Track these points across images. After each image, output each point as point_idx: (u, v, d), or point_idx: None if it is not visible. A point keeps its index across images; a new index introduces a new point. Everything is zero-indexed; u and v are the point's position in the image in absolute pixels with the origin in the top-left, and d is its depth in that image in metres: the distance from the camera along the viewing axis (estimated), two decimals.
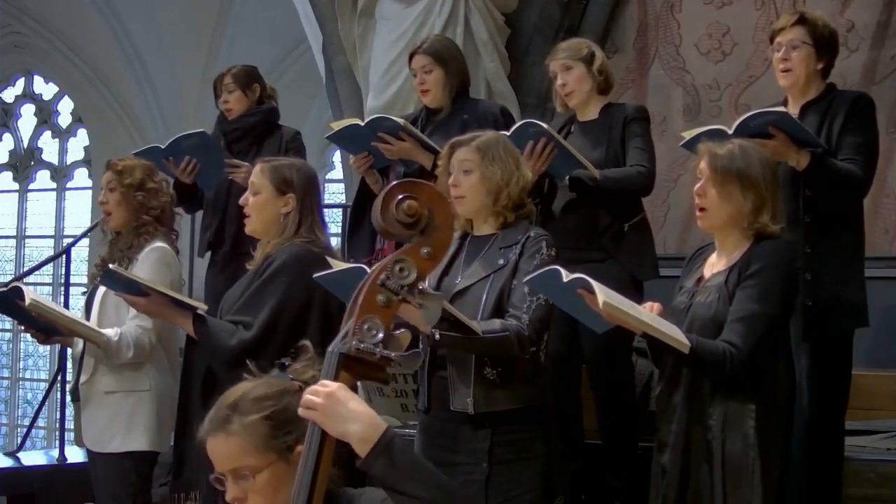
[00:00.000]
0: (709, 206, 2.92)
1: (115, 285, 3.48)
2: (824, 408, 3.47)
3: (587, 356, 3.84)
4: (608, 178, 3.75)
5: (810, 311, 3.39)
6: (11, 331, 12.30)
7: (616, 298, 2.68)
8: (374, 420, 1.81)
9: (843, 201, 3.49)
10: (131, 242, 3.76)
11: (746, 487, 2.79)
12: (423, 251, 1.91)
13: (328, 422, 1.80)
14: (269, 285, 3.29)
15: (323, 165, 10.65)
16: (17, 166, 12.65)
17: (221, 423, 1.93)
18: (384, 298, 1.87)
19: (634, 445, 3.83)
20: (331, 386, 1.81)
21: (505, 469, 2.95)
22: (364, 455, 1.79)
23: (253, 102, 4.79)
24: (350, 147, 4.21)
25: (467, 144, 3.13)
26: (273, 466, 1.89)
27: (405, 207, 1.92)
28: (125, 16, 10.69)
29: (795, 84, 3.57)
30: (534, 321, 2.93)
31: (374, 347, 1.83)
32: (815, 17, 3.59)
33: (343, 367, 1.84)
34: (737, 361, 2.76)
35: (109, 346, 3.64)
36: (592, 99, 3.93)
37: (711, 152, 2.93)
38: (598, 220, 3.80)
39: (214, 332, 3.30)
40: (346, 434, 1.80)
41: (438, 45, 4.23)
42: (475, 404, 2.95)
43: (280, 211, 3.34)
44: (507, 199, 3.07)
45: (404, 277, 1.88)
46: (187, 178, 4.47)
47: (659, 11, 5.78)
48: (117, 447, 3.69)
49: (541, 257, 2.99)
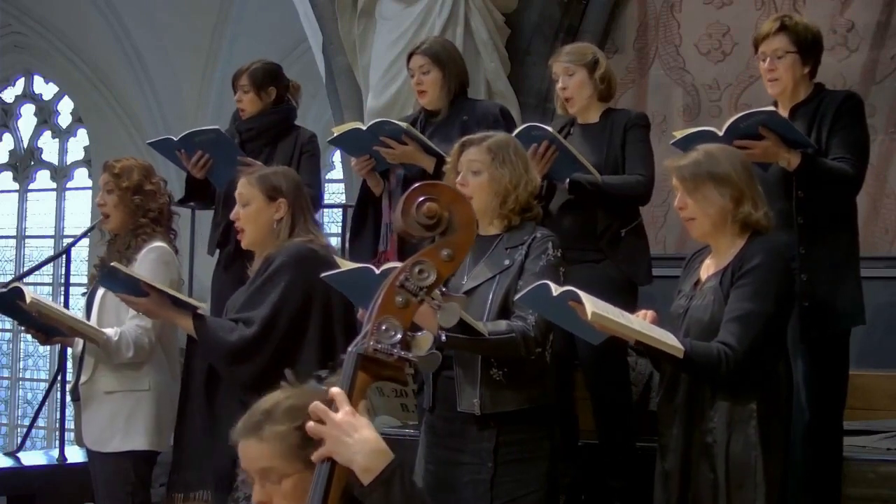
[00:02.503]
0: (692, 214, 2.95)
1: (115, 285, 3.48)
2: (822, 408, 3.47)
3: (582, 357, 3.85)
4: (608, 185, 3.76)
5: (807, 312, 3.40)
6: (11, 331, 12.30)
7: (604, 308, 2.67)
8: (380, 448, 1.83)
9: (835, 201, 3.50)
10: (129, 243, 3.76)
11: (750, 488, 2.80)
12: (444, 253, 1.92)
13: (335, 450, 1.83)
14: (270, 283, 3.31)
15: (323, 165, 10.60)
16: (17, 166, 12.65)
17: (254, 429, 1.96)
18: (402, 300, 1.88)
19: (632, 445, 3.83)
20: (339, 413, 1.82)
21: (510, 469, 2.95)
22: (366, 482, 1.81)
23: (268, 104, 4.66)
24: (352, 150, 4.21)
25: (478, 144, 3.12)
26: (300, 475, 1.91)
27: (425, 210, 1.93)
28: (125, 16, 10.68)
29: (784, 92, 3.60)
30: (539, 322, 2.93)
31: (391, 348, 1.84)
32: (795, 23, 3.59)
33: (361, 367, 1.85)
34: (732, 362, 2.77)
35: (109, 345, 3.64)
36: (593, 104, 3.93)
37: (675, 166, 2.98)
38: (596, 223, 3.81)
39: (214, 330, 3.31)
40: (351, 462, 1.82)
41: (437, 46, 4.22)
42: (481, 405, 2.95)
43: (273, 217, 3.38)
44: (515, 202, 3.06)
45: (423, 279, 1.89)
46: (199, 174, 4.41)
47: (659, 11, 5.78)
48: (117, 447, 3.69)
49: (547, 258, 2.99)
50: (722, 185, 2.91)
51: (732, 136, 3.36)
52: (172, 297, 3.39)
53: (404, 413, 4.79)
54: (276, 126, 4.66)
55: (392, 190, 4.13)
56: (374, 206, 4.22)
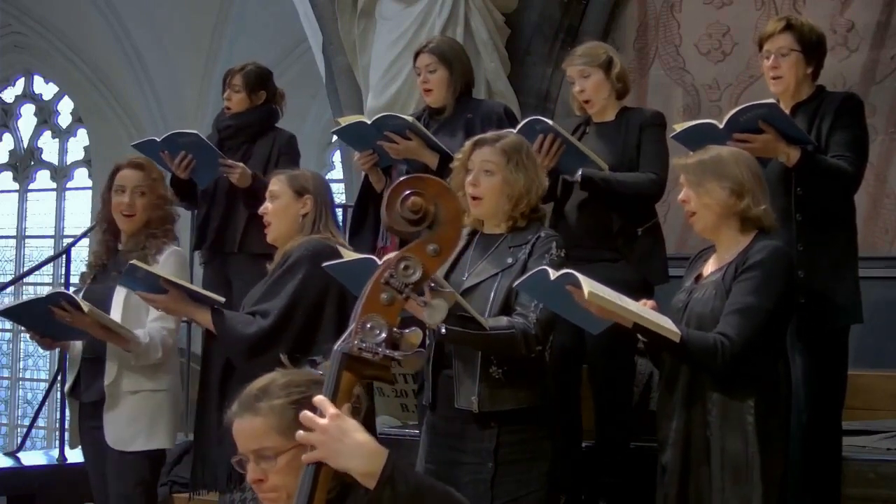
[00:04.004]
0: (695, 207, 2.98)
1: (134, 283, 3.48)
2: (821, 406, 3.47)
3: (589, 351, 3.84)
4: (619, 182, 3.75)
5: (804, 309, 3.39)
6: (11, 331, 12.31)
7: (601, 289, 2.68)
8: (374, 449, 1.78)
9: (834, 198, 3.51)
10: (144, 244, 3.75)
11: (746, 484, 2.81)
12: (430, 248, 1.86)
13: (328, 457, 1.77)
14: (287, 276, 3.37)
15: (323, 165, 10.66)
16: (17, 166, 12.66)
17: (249, 404, 1.95)
18: (388, 297, 1.82)
19: (626, 444, 3.84)
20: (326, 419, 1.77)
21: (510, 469, 2.95)
22: (371, 488, 1.77)
23: (255, 107, 4.79)
24: (355, 144, 4.22)
25: (491, 145, 3.10)
26: (296, 451, 1.87)
27: (410, 204, 1.85)
28: (125, 16, 10.70)
29: (786, 90, 3.61)
30: (541, 321, 2.93)
31: (375, 347, 1.79)
32: (801, 23, 3.61)
33: (346, 367, 1.81)
34: (728, 352, 2.78)
35: (140, 347, 3.65)
36: (610, 103, 3.93)
37: (681, 163, 3.03)
38: (612, 222, 3.80)
39: (232, 324, 3.36)
40: (348, 469, 1.78)
41: (444, 45, 4.23)
42: (480, 402, 2.95)
43: (300, 212, 3.45)
44: (527, 206, 3.07)
45: (409, 275, 1.83)
46: (183, 174, 4.50)
47: (659, 11, 5.78)
48: (141, 446, 3.71)
49: (550, 258, 2.98)
50: (723, 177, 2.94)
51: (732, 130, 3.36)
52: (190, 292, 3.41)
53: (404, 413, 4.79)
54: (255, 125, 4.77)
55: None
56: (374, 203, 4.22)
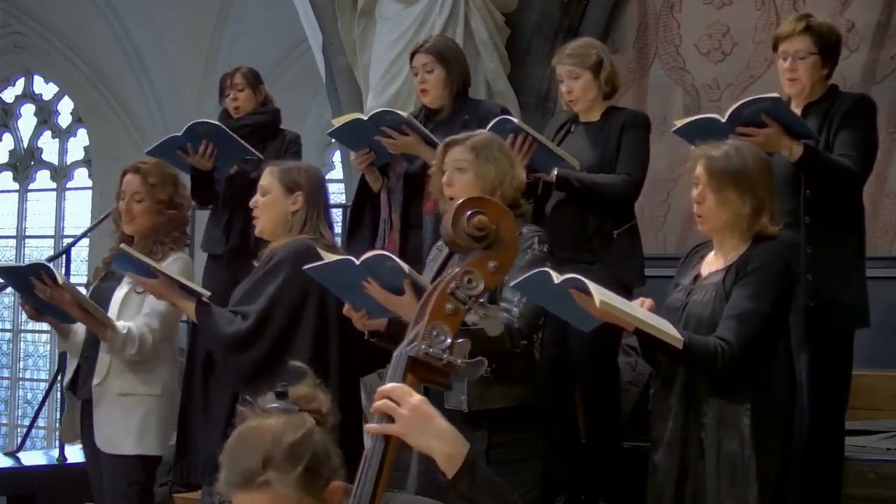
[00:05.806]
0: (707, 212, 2.94)
1: (127, 265, 3.49)
2: (824, 408, 3.47)
3: (574, 356, 3.84)
4: (594, 182, 3.75)
5: (811, 312, 3.39)
6: (11, 331, 12.31)
7: (611, 297, 2.69)
8: (459, 437, 1.87)
9: (842, 200, 3.49)
10: (150, 248, 3.73)
11: (742, 485, 2.80)
12: (490, 265, 1.98)
13: (412, 434, 1.85)
14: (269, 278, 3.37)
15: (323, 165, 10.65)
16: (17, 166, 12.66)
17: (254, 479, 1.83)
18: (452, 307, 1.94)
19: (619, 444, 3.84)
20: (414, 398, 1.85)
21: (503, 470, 2.91)
22: (451, 472, 1.85)
23: (259, 103, 4.92)
24: (351, 143, 4.21)
25: (462, 143, 3.13)
26: None
27: (476, 222, 1.98)
28: (125, 16, 10.70)
29: (802, 91, 3.58)
30: (525, 314, 2.92)
31: (441, 353, 1.90)
32: (820, 24, 3.57)
33: (410, 369, 1.90)
34: (727, 357, 2.78)
35: (115, 339, 3.61)
36: (597, 104, 3.93)
37: (707, 156, 2.94)
38: (588, 223, 3.80)
39: (215, 320, 3.36)
40: (430, 449, 1.85)
41: (441, 44, 4.22)
42: (469, 402, 2.95)
43: (289, 209, 3.42)
44: (501, 198, 3.05)
45: (472, 288, 1.95)
46: (207, 164, 4.46)
47: (659, 11, 5.78)
48: (130, 450, 3.68)
49: (532, 253, 2.99)
50: (746, 191, 2.88)
51: (735, 123, 3.34)
52: (180, 284, 3.41)
53: None
54: (268, 125, 4.89)
55: (392, 187, 4.13)
56: (371, 203, 4.22)
